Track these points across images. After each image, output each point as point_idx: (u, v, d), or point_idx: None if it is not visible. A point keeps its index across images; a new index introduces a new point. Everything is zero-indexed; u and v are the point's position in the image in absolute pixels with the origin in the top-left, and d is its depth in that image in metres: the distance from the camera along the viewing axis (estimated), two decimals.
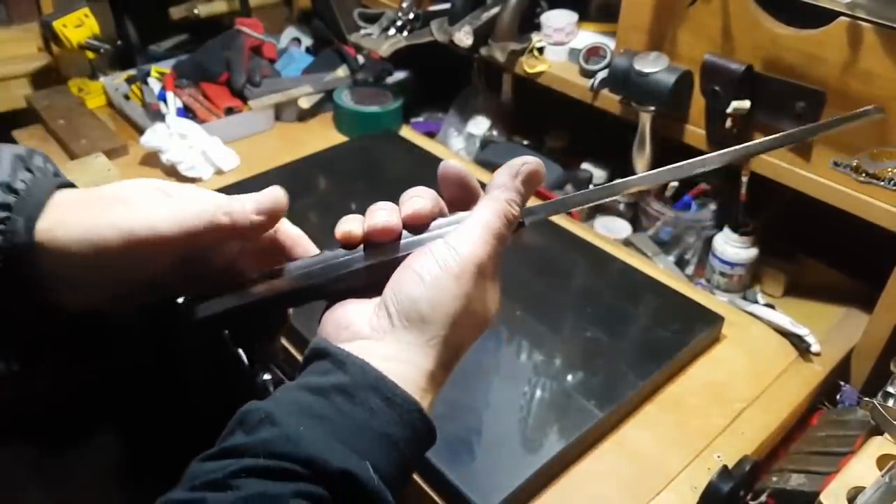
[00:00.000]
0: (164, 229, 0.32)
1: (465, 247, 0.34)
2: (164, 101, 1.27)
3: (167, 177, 1.17)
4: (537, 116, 1.27)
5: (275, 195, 0.35)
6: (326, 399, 0.30)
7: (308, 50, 1.48)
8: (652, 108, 0.93)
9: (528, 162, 0.36)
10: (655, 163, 0.99)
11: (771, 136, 0.42)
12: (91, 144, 1.21)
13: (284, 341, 0.85)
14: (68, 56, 1.36)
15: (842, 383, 0.82)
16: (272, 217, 0.35)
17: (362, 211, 0.38)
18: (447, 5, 1.19)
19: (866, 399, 0.71)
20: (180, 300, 0.36)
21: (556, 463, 0.69)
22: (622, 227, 1.08)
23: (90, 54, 1.34)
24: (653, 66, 0.90)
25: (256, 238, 0.38)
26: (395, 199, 0.39)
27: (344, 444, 0.29)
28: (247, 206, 0.34)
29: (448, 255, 0.34)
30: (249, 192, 0.36)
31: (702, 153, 0.94)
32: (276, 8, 1.63)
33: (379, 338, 0.34)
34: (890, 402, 0.70)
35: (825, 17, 0.76)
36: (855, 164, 0.79)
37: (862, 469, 0.63)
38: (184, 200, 0.33)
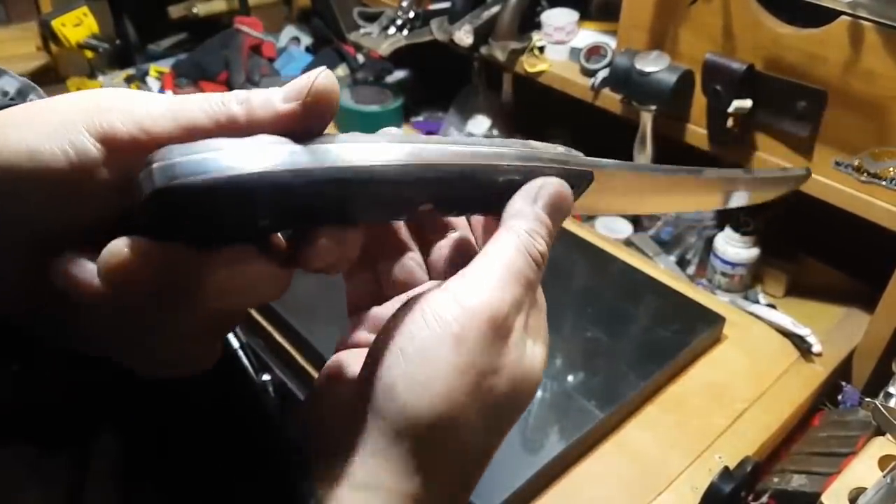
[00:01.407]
0: (154, 125, 0.21)
1: (473, 295, 0.23)
2: None
3: None
4: (538, 116, 1.27)
5: (310, 77, 0.22)
6: None
7: (307, 49, 1.48)
8: (653, 107, 0.93)
9: (548, 183, 0.26)
10: (657, 162, 0.99)
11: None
12: None
13: (282, 340, 0.84)
14: (67, 55, 1.36)
15: (843, 384, 0.81)
16: (311, 105, 0.22)
17: None
18: (447, 4, 1.18)
19: (868, 399, 0.71)
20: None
21: (556, 464, 0.69)
22: (623, 227, 1.08)
23: (89, 53, 1.33)
24: (654, 65, 0.90)
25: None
26: None
27: None
28: (272, 95, 0.22)
29: (445, 308, 0.23)
30: None
31: (703, 153, 0.94)
32: (275, 7, 1.63)
33: (351, 449, 0.23)
34: (891, 403, 0.69)
35: (826, 16, 0.76)
36: (856, 163, 0.79)
37: (863, 470, 0.63)
38: (180, 96, 0.23)
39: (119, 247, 0.19)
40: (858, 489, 0.61)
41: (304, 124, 0.22)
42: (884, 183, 0.77)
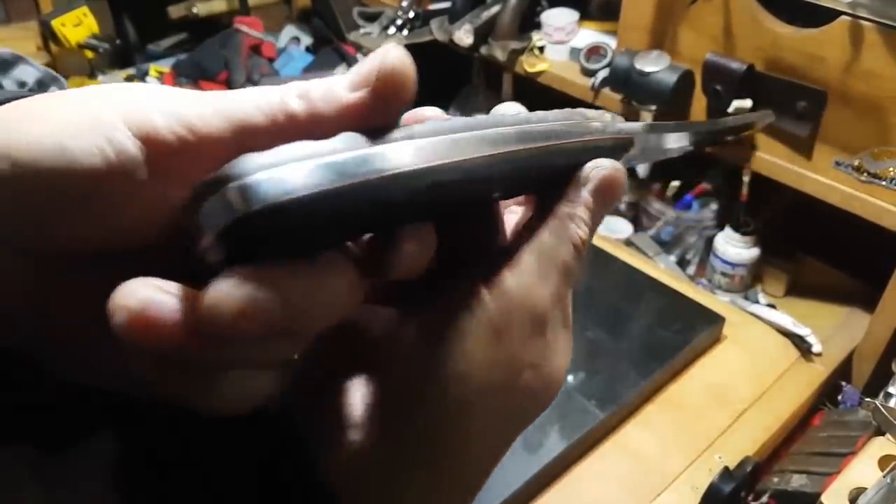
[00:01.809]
0: (203, 124, 0.18)
1: (515, 284, 0.22)
2: None
3: None
4: None
5: (377, 56, 0.19)
6: None
7: (308, 49, 1.48)
8: (653, 107, 0.93)
9: (601, 166, 0.24)
10: (657, 162, 0.99)
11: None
12: None
13: None
14: (67, 55, 1.36)
15: (843, 384, 0.81)
16: (381, 91, 0.19)
17: None
18: (447, 4, 1.18)
19: (868, 399, 0.71)
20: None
21: (556, 464, 0.69)
22: (623, 227, 1.08)
23: (89, 53, 1.33)
24: (654, 65, 0.90)
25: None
26: None
27: None
28: (334, 84, 0.19)
29: (487, 295, 0.21)
30: None
31: (703, 153, 0.94)
32: (275, 7, 1.62)
33: (365, 437, 0.21)
34: (891, 403, 0.69)
35: (826, 16, 0.76)
36: (856, 163, 0.79)
37: (863, 470, 0.63)
38: (226, 92, 0.19)
39: (230, 288, 0.16)
40: (858, 489, 0.61)
41: (375, 115, 0.19)
42: (884, 183, 0.77)
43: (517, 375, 0.22)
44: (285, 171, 0.17)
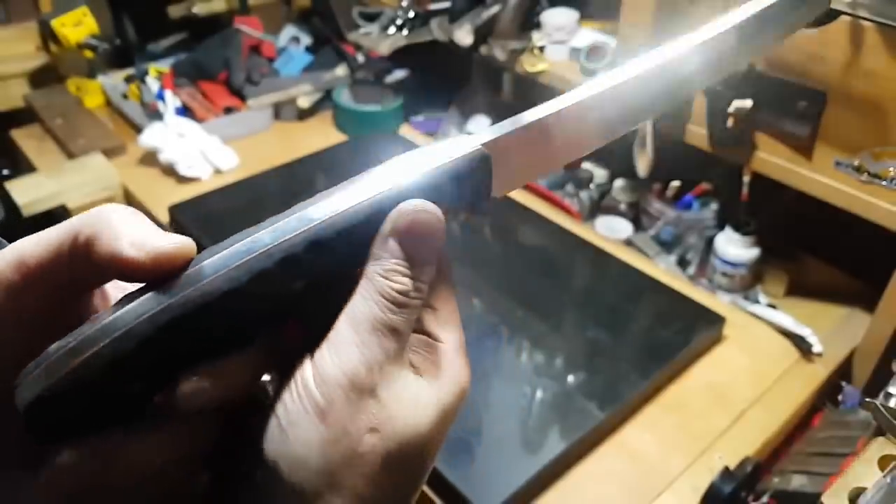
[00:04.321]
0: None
1: (330, 360, 0.22)
2: (163, 99, 1.27)
3: (165, 176, 1.16)
4: None
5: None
6: None
7: (307, 49, 1.47)
8: None
9: (403, 211, 0.24)
10: (657, 162, 0.98)
11: None
12: (89, 144, 1.21)
13: None
14: (66, 55, 1.36)
15: (843, 384, 0.81)
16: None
17: None
18: (447, 4, 1.18)
19: (868, 400, 0.71)
20: None
21: (556, 464, 0.69)
22: (623, 227, 1.08)
23: (88, 53, 1.33)
24: None
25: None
26: None
27: None
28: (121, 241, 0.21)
29: (309, 377, 0.22)
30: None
31: (703, 153, 0.94)
32: (275, 6, 1.62)
33: None
34: (892, 403, 0.69)
35: (826, 15, 0.75)
36: (857, 163, 0.78)
37: (864, 470, 0.63)
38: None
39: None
40: (859, 489, 0.61)
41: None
42: (884, 183, 0.77)
43: (356, 444, 0.22)
44: (36, 374, 0.20)
